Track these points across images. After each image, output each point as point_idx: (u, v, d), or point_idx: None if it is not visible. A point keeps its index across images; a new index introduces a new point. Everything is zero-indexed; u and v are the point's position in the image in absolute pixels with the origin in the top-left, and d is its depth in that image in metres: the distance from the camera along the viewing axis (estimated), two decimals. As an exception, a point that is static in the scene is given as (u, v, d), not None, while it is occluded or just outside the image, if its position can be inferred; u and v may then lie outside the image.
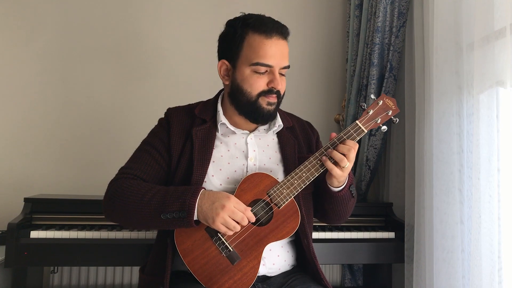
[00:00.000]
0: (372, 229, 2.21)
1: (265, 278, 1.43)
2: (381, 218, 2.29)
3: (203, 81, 2.78)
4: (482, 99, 1.68)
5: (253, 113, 1.46)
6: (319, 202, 1.54)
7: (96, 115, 2.71)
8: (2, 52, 2.65)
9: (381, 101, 1.42)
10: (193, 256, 1.35)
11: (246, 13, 1.49)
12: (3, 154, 2.61)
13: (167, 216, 1.31)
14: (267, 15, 1.48)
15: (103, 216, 2.03)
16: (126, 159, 1.53)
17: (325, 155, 1.37)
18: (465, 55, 1.73)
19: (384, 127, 1.43)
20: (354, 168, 2.54)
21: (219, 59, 1.50)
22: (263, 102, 1.44)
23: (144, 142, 1.54)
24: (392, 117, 1.43)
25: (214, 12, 2.83)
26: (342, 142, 1.37)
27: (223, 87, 1.59)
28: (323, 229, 2.14)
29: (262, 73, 1.41)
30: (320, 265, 1.47)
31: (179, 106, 1.59)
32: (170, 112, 1.57)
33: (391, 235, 2.17)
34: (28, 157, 2.63)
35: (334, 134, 1.41)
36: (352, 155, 1.35)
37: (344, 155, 1.34)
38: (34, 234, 1.91)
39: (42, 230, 1.93)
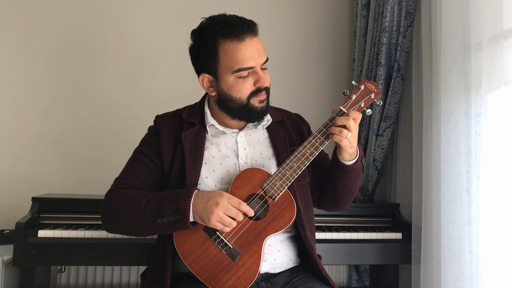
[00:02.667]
0: (379, 229, 2.20)
1: (268, 277, 1.43)
2: (388, 218, 2.28)
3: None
4: (490, 99, 1.67)
5: (247, 114, 1.47)
6: (331, 183, 1.53)
7: (103, 115, 2.72)
8: (2, 52, 2.66)
9: (363, 86, 1.44)
10: (194, 257, 1.35)
11: (206, 17, 1.47)
12: (11, 154, 2.63)
13: (164, 220, 1.32)
14: (270, 15, 1.47)
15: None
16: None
17: (325, 132, 1.39)
18: (473, 55, 1.72)
19: (369, 111, 1.46)
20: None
21: (197, 72, 1.49)
22: (255, 102, 1.44)
23: (136, 151, 1.55)
24: (375, 100, 1.44)
25: (213, 11, 2.81)
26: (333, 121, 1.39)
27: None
28: (329, 229, 2.13)
29: (246, 76, 1.41)
30: (327, 266, 1.47)
31: (167, 113, 1.60)
32: (158, 118, 1.58)
33: (398, 235, 2.16)
34: (36, 156, 2.65)
35: (335, 109, 1.43)
36: (352, 124, 1.36)
37: (343, 127, 1.36)
38: (41, 233, 1.92)
39: (50, 229, 1.95)
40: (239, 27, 1.39)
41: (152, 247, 1.93)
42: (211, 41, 1.40)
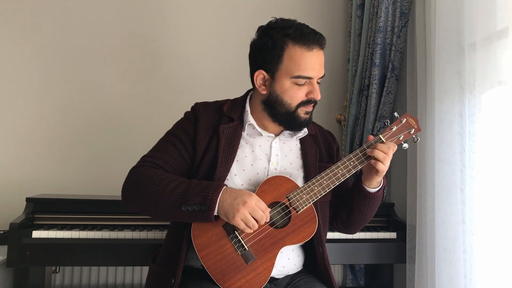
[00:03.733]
0: (374, 229, 2.21)
1: (272, 279, 1.44)
2: (383, 218, 2.29)
3: (208, 81, 2.78)
4: (484, 99, 1.68)
5: (290, 122, 1.48)
6: (348, 207, 1.55)
7: (98, 115, 2.71)
8: (2, 52, 2.65)
9: (405, 119, 1.47)
10: (208, 251, 1.35)
11: (277, 18, 1.46)
12: (5, 154, 2.61)
13: (188, 208, 1.31)
14: (268, 15, 1.47)
15: (105, 216, 2.04)
16: (128, 159, 1.53)
17: (361, 157, 1.41)
18: (467, 55, 1.73)
19: (406, 145, 1.48)
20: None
21: (254, 67, 1.48)
22: (301, 112, 1.46)
23: (169, 133, 1.53)
24: (413, 136, 1.48)
25: (217, 13, 2.83)
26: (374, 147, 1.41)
27: (250, 88, 1.59)
28: (325, 229, 2.14)
29: (302, 85, 1.43)
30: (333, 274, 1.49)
31: (207, 102, 1.59)
32: (199, 106, 1.56)
33: (392, 235, 2.17)
34: (30, 157, 2.63)
35: (371, 137, 1.46)
36: (391, 154, 1.39)
37: (384, 153, 1.38)
38: (36, 234, 1.91)
39: (44, 230, 1.93)
40: (311, 36, 1.40)
41: (150, 247, 1.94)
42: (279, 41, 1.40)
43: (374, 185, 1.47)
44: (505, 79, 1.55)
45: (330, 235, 2.10)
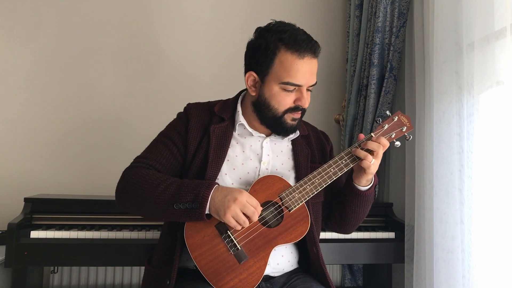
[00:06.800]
0: (372, 229, 2.21)
1: (268, 278, 1.44)
2: (381, 218, 2.29)
3: (205, 81, 2.78)
4: (482, 99, 1.69)
5: (276, 126, 1.48)
6: (340, 206, 1.56)
7: (97, 116, 2.71)
8: (2, 52, 2.65)
9: (396, 117, 1.47)
10: (201, 251, 1.35)
11: (276, 20, 1.46)
12: (3, 154, 2.61)
13: (180, 206, 1.32)
14: (267, 15, 1.47)
15: (103, 216, 2.03)
16: (126, 160, 1.53)
17: (352, 155, 1.41)
18: (465, 55, 1.73)
19: (398, 143, 1.48)
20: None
21: (247, 68, 1.49)
22: (288, 118, 1.46)
23: (162, 134, 1.55)
24: (405, 134, 1.47)
25: (215, 12, 2.83)
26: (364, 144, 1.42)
27: (244, 88, 1.59)
28: (323, 229, 2.13)
29: (290, 91, 1.42)
30: (328, 274, 1.49)
31: (199, 102, 1.60)
32: (190, 107, 1.57)
33: (391, 235, 2.17)
34: (28, 157, 2.63)
35: (362, 135, 1.46)
36: (381, 151, 1.39)
37: (371, 152, 1.39)
38: (34, 234, 1.91)
39: (42, 230, 1.93)
40: (304, 44, 1.40)
41: (148, 247, 1.94)
42: (273, 45, 1.40)
43: (363, 183, 1.47)
44: (503, 79, 1.56)
45: (329, 235, 2.10)
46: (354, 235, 2.12)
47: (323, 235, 2.09)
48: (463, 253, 1.70)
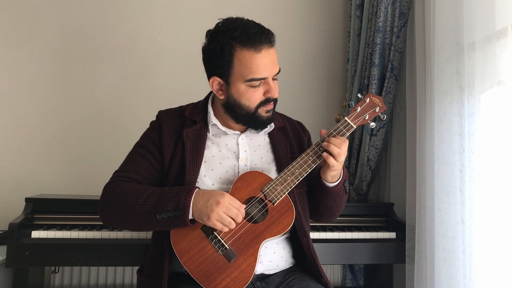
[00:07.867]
0: (373, 229, 2.21)
1: (263, 277, 1.44)
2: (382, 218, 2.29)
3: (202, 81, 2.77)
4: (483, 99, 1.68)
5: (253, 122, 1.48)
6: (313, 199, 1.56)
7: (97, 115, 2.71)
8: (2, 52, 2.65)
9: (368, 99, 1.48)
10: (189, 255, 1.35)
11: (224, 18, 1.45)
12: (4, 154, 2.61)
13: (163, 215, 1.32)
14: (267, 15, 1.47)
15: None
16: (127, 159, 1.54)
17: (319, 149, 1.41)
18: (466, 55, 1.73)
19: (373, 124, 1.49)
20: (355, 168, 2.54)
21: (209, 74, 1.48)
22: (262, 111, 1.46)
23: (137, 145, 1.55)
24: (379, 114, 1.48)
25: (212, 11, 2.82)
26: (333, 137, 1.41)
27: (211, 91, 1.58)
28: (324, 229, 2.14)
29: (257, 86, 1.42)
30: (321, 265, 1.47)
31: (170, 109, 1.60)
32: (161, 114, 1.58)
33: (392, 235, 2.17)
34: (29, 157, 2.63)
35: (324, 131, 1.45)
36: (344, 149, 1.38)
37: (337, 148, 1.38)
38: (35, 234, 1.91)
39: (43, 230, 1.94)
40: (257, 37, 1.38)
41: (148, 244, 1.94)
42: (227, 46, 1.39)
43: (329, 180, 1.46)
44: (504, 79, 1.55)
45: (329, 235, 2.10)
46: (355, 235, 2.12)
47: (324, 235, 2.09)
48: (464, 253, 1.70)
